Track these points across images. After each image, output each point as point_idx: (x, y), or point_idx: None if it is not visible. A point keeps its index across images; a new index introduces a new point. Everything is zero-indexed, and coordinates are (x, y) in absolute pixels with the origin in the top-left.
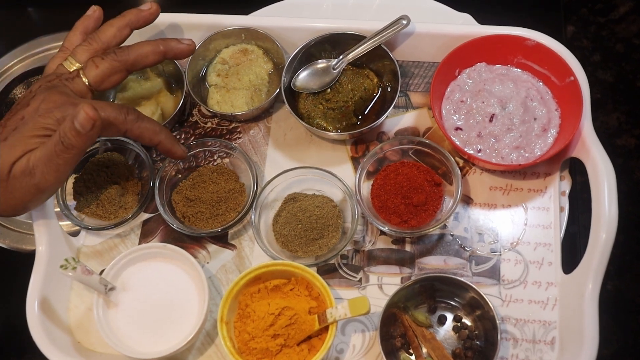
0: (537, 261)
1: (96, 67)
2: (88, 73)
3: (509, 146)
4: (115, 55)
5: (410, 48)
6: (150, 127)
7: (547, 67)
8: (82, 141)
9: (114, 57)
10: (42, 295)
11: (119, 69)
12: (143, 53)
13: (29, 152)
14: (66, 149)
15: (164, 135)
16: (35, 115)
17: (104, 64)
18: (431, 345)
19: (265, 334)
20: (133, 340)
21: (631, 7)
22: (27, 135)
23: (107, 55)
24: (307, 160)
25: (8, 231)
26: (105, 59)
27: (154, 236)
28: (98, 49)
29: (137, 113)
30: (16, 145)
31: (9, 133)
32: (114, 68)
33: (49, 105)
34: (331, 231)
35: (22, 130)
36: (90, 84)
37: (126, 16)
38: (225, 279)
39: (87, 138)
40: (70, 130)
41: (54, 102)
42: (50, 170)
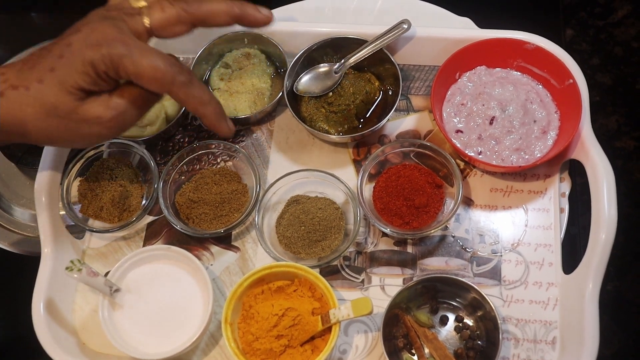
0: (537, 262)
1: (162, 11)
2: (152, 14)
3: (509, 148)
4: (185, 4)
5: (411, 52)
6: (199, 95)
7: (547, 70)
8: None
9: (184, 6)
10: (48, 297)
11: (185, 20)
12: (215, 10)
13: (98, 97)
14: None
15: (212, 109)
16: (83, 46)
17: (171, 9)
18: (433, 345)
19: (269, 334)
20: (138, 341)
21: (629, 11)
22: (77, 69)
23: (177, 2)
24: (309, 163)
25: (12, 234)
26: (174, 5)
27: (158, 238)
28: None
29: (189, 75)
30: (67, 80)
31: (55, 61)
32: (180, 17)
33: (97, 37)
34: (334, 233)
35: (70, 63)
36: (150, 26)
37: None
38: (229, 281)
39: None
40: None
41: (103, 35)
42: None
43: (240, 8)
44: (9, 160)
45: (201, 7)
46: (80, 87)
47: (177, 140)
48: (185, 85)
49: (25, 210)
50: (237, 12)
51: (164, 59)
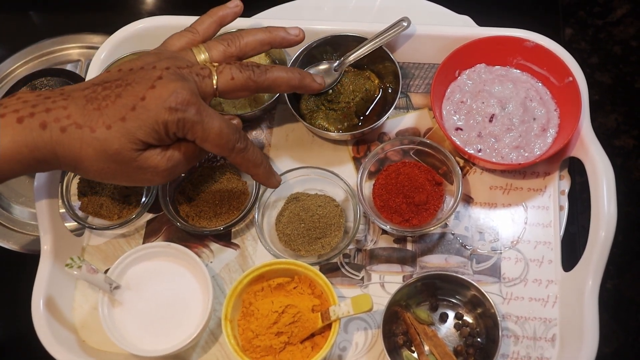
0: (537, 259)
1: (232, 79)
2: (221, 79)
3: (509, 146)
4: (253, 75)
5: (410, 50)
6: (253, 159)
7: (546, 67)
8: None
9: (252, 76)
10: (47, 295)
11: (250, 87)
12: (278, 81)
13: (157, 148)
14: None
15: (263, 169)
16: (160, 107)
17: (241, 78)
18: (433, 342)
19: (269, 331)
20: (137, 338)
21: (628, 10)
22: (148, 126)
23: (245, 70)
24: (309, 161)
25: (12, 232)
26: (243, 73)
27: (158, 236)
28: (233, 55)
29: (245, 141)
30: (135, 133)
31: (126, 111)
32: (247, 87)
33: (174, 100)
34: (333, 230)
35: (143, 118)
36: (218, 90)
37: (272, 33)
38: (229, 278)
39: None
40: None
41: (179, 99)
42: (182, 170)
43: (300, 80)
44: None
45: (267, 78)
46: (145, 141)
47: None
48: (242, 151)
49: (25, 208)
50: (296, 84)
51: (228, 127)
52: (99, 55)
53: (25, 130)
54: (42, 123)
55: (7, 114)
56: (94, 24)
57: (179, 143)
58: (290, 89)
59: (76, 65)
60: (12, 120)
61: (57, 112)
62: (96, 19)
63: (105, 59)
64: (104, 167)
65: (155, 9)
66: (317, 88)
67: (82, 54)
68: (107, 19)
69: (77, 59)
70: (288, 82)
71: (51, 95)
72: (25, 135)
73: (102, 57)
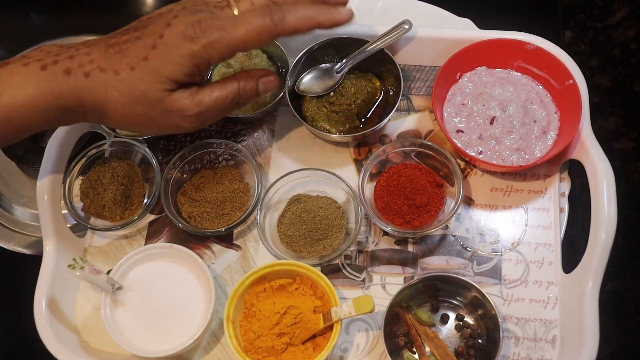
0: (537, 261)
1: (251, 3)
2: (241, 5)
3: (510, 148)
4: (272, 3)
5: (412, 52)
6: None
7: (547, 70)
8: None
9: (271, 5)
10: (50, 295)
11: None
12: (300, 25)
13: (186, 90)
14: (238, 105)
15: (321, 16)
16: (181, 39)
17: (260, 2)
18: (434, 343)
19: (271, 332)
20: (140, 339)
21: (627, 13)
22: (174, 61)
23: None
24: (310, 162)
25: (14, 233)
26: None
27: (160, 237)
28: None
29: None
30: (160, 70)
31: (148, 50)
32: (265, 27)
33: (195, 30)
34: (335, 232)
35: (166, 54)
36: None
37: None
38: (231, 279)
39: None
40: (251, 92)
41: (200, 28)
42: (210, 119)
43: (320, 19)
44: (10, 159)
45: (289, 21)
46: (174, 79)
47: (179, 139)
48: (283, 20)
49: (26, 209)
50: (324, 10)
51: (253, 14)
52: None
53: (49, 77)
54: (66, 69)
55: (30, 62)
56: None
57: (209, 87)
58: (309, 31)
59: None
60: (35, 68)
61: (80, 58)
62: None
63: None
64: (129, 112)
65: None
66: (342, 19)
67: None
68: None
69: None
70: (307, 24)
71: (74, 45)
72: (49, 82)
73: None
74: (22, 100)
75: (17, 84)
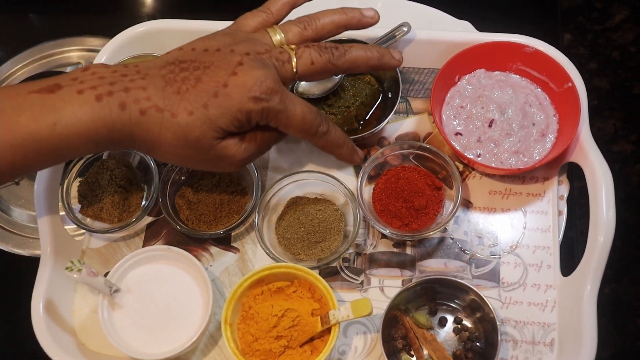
0: (536, 264)
1: (311, 63)
2: (300, 64)
3: (508, 151)
4: (332, 57)
5: (410, 54)
6: (335, 140)
7: (546, 73)
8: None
9: (331, 59)
10: (47, 298)
11: (330, 71)
12: (358, 62)
13: (235, 137)
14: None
15: (346, 149)
16: (244, 95)
17: (320, 61)
18: (432, 346)
19: (269, 335)
20: (137, 342)
21: (627, 16)
22: (231, 114)
23: (325, 53)
24: (309, 165)
25: (11, 235)
26: (323, 56)
27: (158, 239)
28: (309, 38)
29: (327, 124)
30: (217, 121)
31: (209, 98)
32: (326, 69)
33: (261, 91)
34: (333, 234)
35: (226, 106)
36: (298, 74)
37: (348, 14)
38: (228, 282)
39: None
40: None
41: (262, 88)
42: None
43: (379, 59)
44: None
45: (346, 59)
46: (227, 129)
47: None
48: (324, 134)
49: (24, 211)
50: (375, 63)
51: (310, 112)
52: (99, 59)
53: (105, 110)
54: (121, 103)
55: (84, 90)
56: (94, 26)
57: (255, 133)
58: (369, 69)
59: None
60: (90, 98)
61: (136, 92)
62: (96, 22)
63: (106, 62)
64: (180, 153)
65: (155, 12)
66: (397, 64)
67: (81, 56)
68: (107, 22)
69: (77, 62)
70: (367, 62)
71: (128, 73)
72: (104, 115)
73: (103, 60)
74: (75, 131)
75: (71, 113)
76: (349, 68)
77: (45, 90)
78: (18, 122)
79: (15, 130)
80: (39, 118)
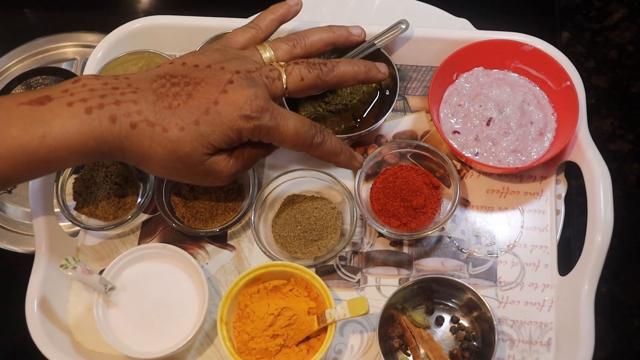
0: (533, 263)
1: (301, 79)
2: (290, 80)
3: (506, 149)
4: (321, 73)
5: (408, 52)
6: (332, 149)
7: (544, 72)
8: None
9: (320, 75)
10: (41, 295)
11: (319, 86)
12: (346, 77)
13: (224, 153)
14: (254, 164)
15: (344, 156)
16: (235, 114)
17: (310, 78)
18: (429, 346)
19: (265, 334)
20: (132, 340)
21: (625, 14)
22: (222, 132)
23: (314, 69)
24: (306, 163)
25: (5, 232)
26: (312, 72)
27: (154, 237)
28: (298, 55)
29: (322, 134)
30: (208, 137)
31: (200, 115)
32: (315, 85)
33: (252, 110)
34: (330, 233)
35: (217, 123)
36: (287, 90)
37: (335, 32)
38: (224, 280)
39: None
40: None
41: (252, 106)
42: (236, 176)
43: (366, 73)
44: None
45: (335, 75)
46: (217, 146)
47: None
48: (320, 145)
49: (19, 207)
50: (363, 77)
51: (303, 125)
52: (95, 55)
53: (94, 123)
54: (111, 116)
55: (74, 102)
56: (89, 22)
57: (243, 149)
58: (357, 82)
59: (72, 64)
60: (80, 110)
61: (127, 106)
62: (92, 18)
63: (102, 58)
64: (169, 166)
65: (151, 7)
66: (383, 78)
67: (77, 52)
68: (103, 18)
69: (72, 58)
70: (355, 76)
71: (119, 86)
72: (93, 128)
73: (99, 56)
74: (64, 143)
75: (60, 125)
76: (337, 83)
77: (36, 102)
78: (8, 133)
79: (6, 141)
80: (29, 130)
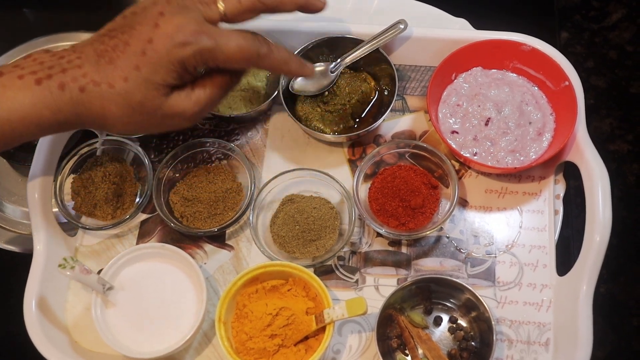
0: (531, 263)
1: (238, 2)
2: (228, 3)
3: (505, 149)
4: (261, 44)
5: (407, 52)
6: (280, 58)
7: (543, 72)
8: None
9: (260, 43)
10: (40, 295)
11: (257, 8)
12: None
13: (182, 91)
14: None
15: (294, 64)
16: (170, 45)
17: (250, 37)
18: (427, 346)
19: (263, 334)
20: (131, 340)
21: (624, 15)
22: (164, 68)
23: None
24: (304, 162)
25: (4, 231)
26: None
27: (152, 237)
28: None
29: (267, 44)
30: (153, 78)
31: (138, 58)
32: (254, 8)
33: (183, 35)
34: (328, 233)
35: (156, 61)
36: (225, 14)
37: None
38: (223, 280)
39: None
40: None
41: (186, 31)
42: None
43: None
44: (1, 156)
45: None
46: (167, 84)
47: (171, 137)
48: (267, 56)
49: (17, 207)
50: (302, 2)
51: (245, 38)
52: None
53: (45, 92)
54: (60, 84)
55: (25, 75)
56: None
57: (203, 81)
58: (296, 7)
59: None
60: (30, 82)
61: (73, 71)
62: (90, 18)
63: None
64: (129, 121)
65: None
66: (321, 7)
67: None
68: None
69: None
70: (294, 1)
71: (65, 55)
72: (44, 98)
73: None
74: (17, 115)
75: (12, 97)
76: (277, 6)
77: None
78: None
79: None
80: None
